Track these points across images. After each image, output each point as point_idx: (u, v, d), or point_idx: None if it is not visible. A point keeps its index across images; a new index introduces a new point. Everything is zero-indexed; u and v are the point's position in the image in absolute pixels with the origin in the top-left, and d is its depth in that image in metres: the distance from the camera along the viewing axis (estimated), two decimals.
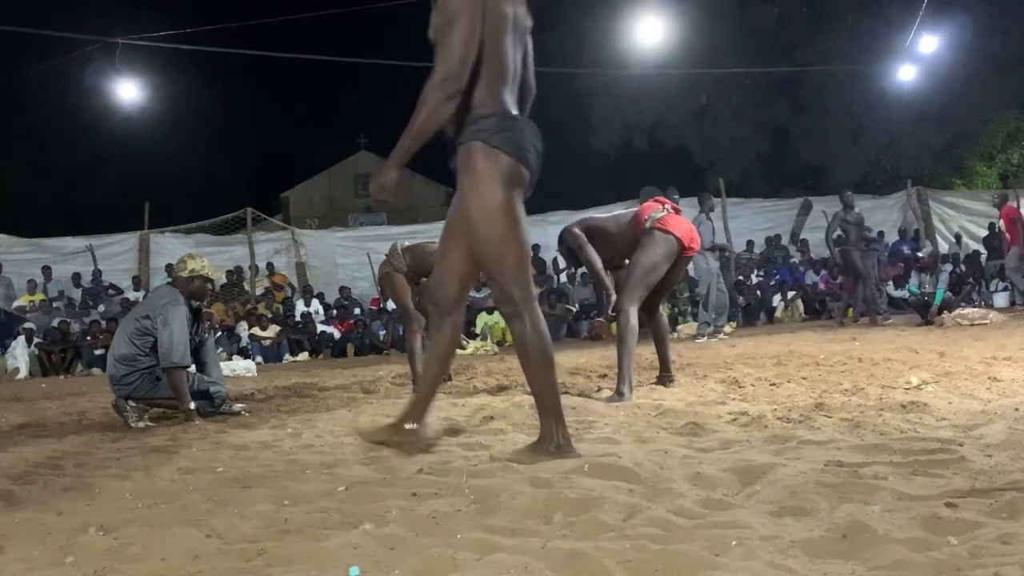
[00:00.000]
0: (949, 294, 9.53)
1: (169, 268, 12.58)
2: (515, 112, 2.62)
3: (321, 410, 4.33)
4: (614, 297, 4.30)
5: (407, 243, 5.53)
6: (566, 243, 4.55)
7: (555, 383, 2.65)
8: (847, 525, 1.69)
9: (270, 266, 13.73)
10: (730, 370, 5.13)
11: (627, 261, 4.37)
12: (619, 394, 4.04)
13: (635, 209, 4.47)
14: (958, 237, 14.77)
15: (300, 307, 12.46)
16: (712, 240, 9.47)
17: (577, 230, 4.49)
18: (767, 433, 2.85)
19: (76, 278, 13.11)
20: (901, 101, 16.10)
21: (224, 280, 12.60)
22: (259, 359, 10.67)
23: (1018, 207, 11.39)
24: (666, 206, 4.34)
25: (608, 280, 4.52)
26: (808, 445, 2.58)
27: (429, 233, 13.19)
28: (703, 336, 9.24)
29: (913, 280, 9.63)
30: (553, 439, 2.58)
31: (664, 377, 4.59)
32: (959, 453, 2.31)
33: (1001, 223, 11.61)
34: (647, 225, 4.26)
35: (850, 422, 2.94)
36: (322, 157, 25.55)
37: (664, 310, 4.92)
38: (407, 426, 2.74)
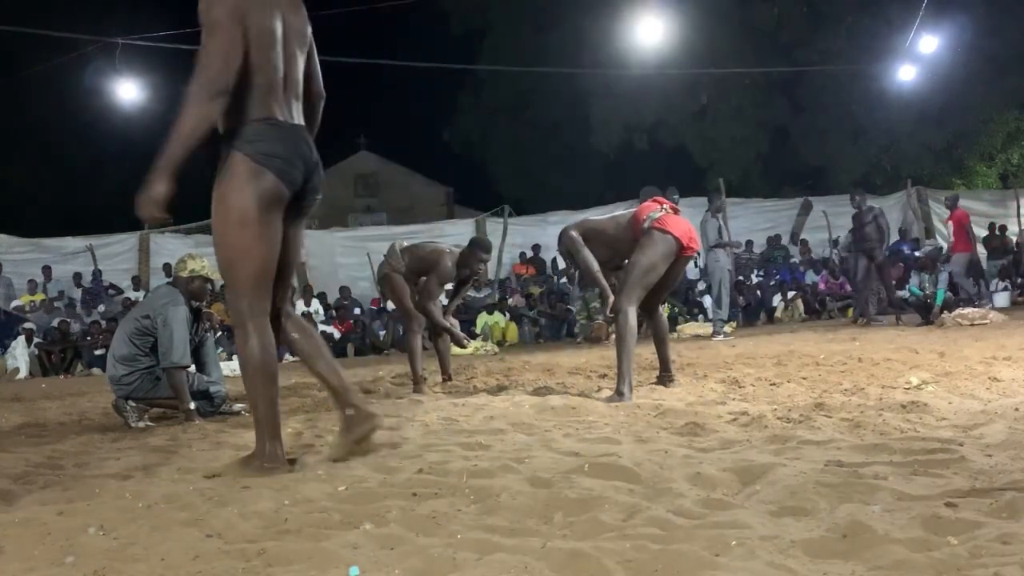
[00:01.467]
0: (949, 294, 9.54)
1: (167, 268, 12.58)
2: (285, 120, 2.62)
3: (321, 410, 4.33)
4: (611, 298, 4.30)
5: (406, 243, 5.53)
6: (564, 245, 4.56)
7: (274, 399, 2.63)
8: (847, 525, 1.69)
9: None
10: (730, 370, 5.13)
11: (627, 262, 4.37)
12: (619, 394, 4.03)
13: (634, 210, 4.47)
14: None
15: (300, 307, 12.45)
16: (719, 238, 9.47)
17: (574, 233, 4.49)
18: (767, 433, 2.85)
19: (77, 278, 13.10)
20: (901, 101, 16.10)
21: (224, 281, 12.58)
22: None
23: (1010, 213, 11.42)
24: (664, 206, 4.34)
25: (605, 281, 4.51)
26: (808, 445, 2.58)
27: (429, 233, 13.21)
28: (720, 335, 9.19)
29: (913, 280, 9.63)
30: (264, 455, 2.56)
31: (664, 377, 4.59)
32: (959, 453, 2.31)
33: (950, 226, 11.68)
34: (645, 225, 4.25)
35: (850, 422, 2.94)
36: (322, 157, 25.49)
37: (664, 310, 4.93)
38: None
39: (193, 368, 4.39)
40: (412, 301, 5.31)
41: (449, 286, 5.60)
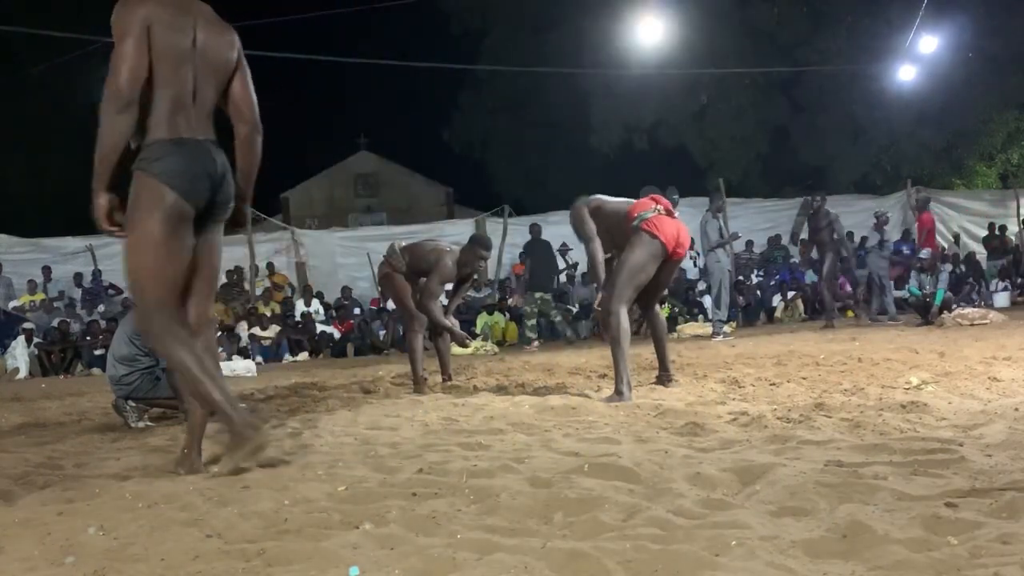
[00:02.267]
0: (949, 294, 9.53)
1: None
2: (192, 137, 2.61)
3: (321, 410, 4.33)
4: (600, 295, 4.31)
5: (404, 243, 5.52)
6: (573, 219, 4.50)
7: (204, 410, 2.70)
8: (847, 525, 1.69)
9: (270, 266, 13.73)
10: (730, 370, 5.13)
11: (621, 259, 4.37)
12: (618, 393, 4.04)
13: (633, 202, 4.41)
14: (957, 237, 14.76)
15: (300, 307, 12.45)
16: (720, 239, 9.42)
17: (586, 213, 4.40)
18: (767, 433, 2.85)
19: (77, 278, 13.10)
20: (901, 101, 16.09)
21: (224, 279, 12.60)
22: (259, 359, 10.67)
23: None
24: (658, 206, 4.27)
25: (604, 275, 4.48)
26: (808, 445, 2.58)
27: (429, 233, 13.19)
28: (719, 335, 9.12)
29: (913, 280, 9.63)
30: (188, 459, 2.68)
31: (663, 377, 4.59)
32: (959, 453, 2.31)
33: (916, 228, 11.72)
34: (635, 224, 4.21)
35: (850, 422, 2.94)
36: (322, 157, 25.52)
37: (664, 310, 4.94)
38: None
39: None
40: (413, 300, 5.30)
41: (449, 286, 5.60)
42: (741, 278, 12.85)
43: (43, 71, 14.57)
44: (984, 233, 14.43)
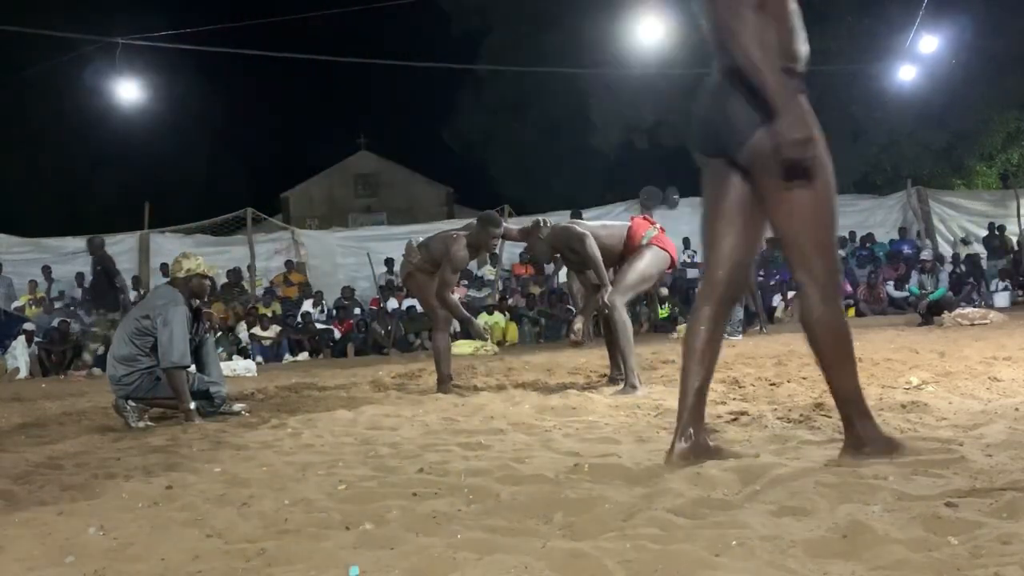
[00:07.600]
0: (950, 294, 9.53)
1: (165, 268, 12.60)
2: None
3: (321, 410, 4.33)
4: (608, 289, 4.46)
5: (422, 239, 5.49)
6: (572, 240, 4.59)
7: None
8: (847, 525, 1.69)
9: (288, 264, 13.73)
10: (730, 370, 5.13)
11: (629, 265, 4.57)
12: (631, 387, 4.24)
13: (624, 224, 4.67)
14: (964, 240, 14.72)
15: (305, 306, 12.46)
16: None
17: (586, 233, 4.57)
18: (767, 433, 2.85)
19: (79, 278, 13.10)
20: (901, 101, 16.07)
21: (224, 279, 12.59)
22: (259, 359, 10.67)
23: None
24: (656, 225, 4.62)
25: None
26: (808, 445, 2.58)
27: (429, 232, 13.19)
28: (737, 335, 9.09)
29: (913, 280, 9.63)
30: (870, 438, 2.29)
31: (616, 376, 4.74)
32: (959, 453, 2.31)
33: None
34: (644, 242, 4.52)
35: None
36: (322, 157, 25.50)
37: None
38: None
39: (193, 368, 4.39)
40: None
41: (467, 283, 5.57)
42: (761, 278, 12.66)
43: (43, 71, 14.55)
44: (984, 233, 14.42)
